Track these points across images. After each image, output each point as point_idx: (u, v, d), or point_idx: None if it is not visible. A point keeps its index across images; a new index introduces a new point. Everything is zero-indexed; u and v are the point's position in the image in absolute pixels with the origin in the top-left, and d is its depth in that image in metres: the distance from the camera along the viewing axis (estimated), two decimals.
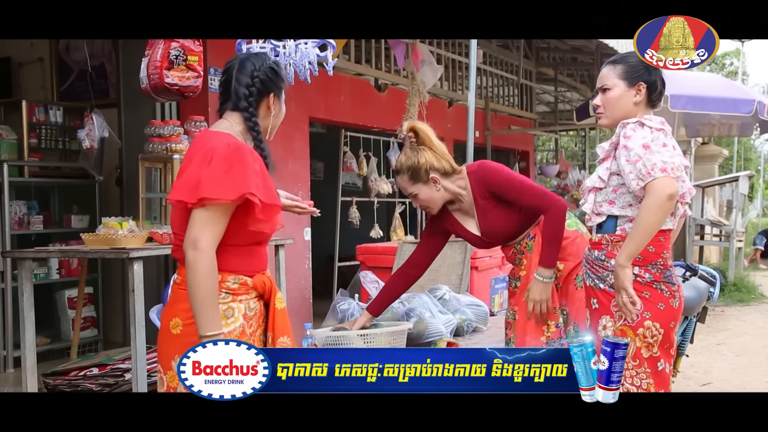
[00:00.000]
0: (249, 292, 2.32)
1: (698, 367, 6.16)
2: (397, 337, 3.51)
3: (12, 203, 5.90)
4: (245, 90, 2.33)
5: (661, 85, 2.72)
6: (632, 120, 2.63)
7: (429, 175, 3.15)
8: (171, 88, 4.04)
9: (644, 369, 2.63)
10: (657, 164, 2.49)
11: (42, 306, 5.40)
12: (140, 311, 3.67)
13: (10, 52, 7.14)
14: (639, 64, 2.70)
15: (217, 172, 2.16)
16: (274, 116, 2.42)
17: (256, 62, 2.38)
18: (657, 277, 2.62)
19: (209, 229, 2.16)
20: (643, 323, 2.60)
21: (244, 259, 2.30)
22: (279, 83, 2.40)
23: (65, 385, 4.18)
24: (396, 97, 7.53)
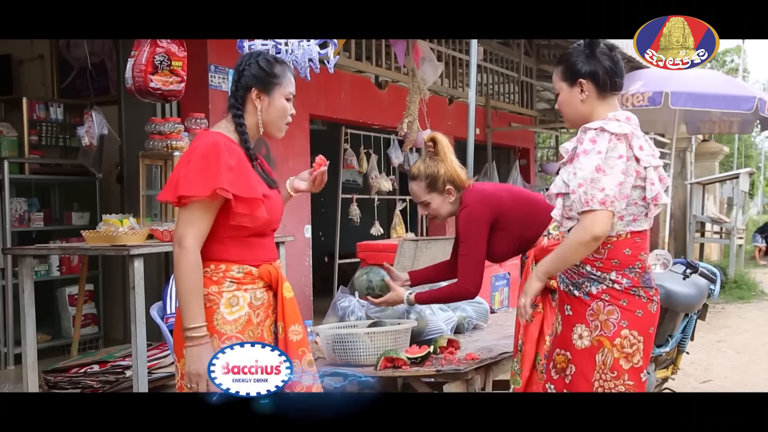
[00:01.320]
0: (255, 282, 2.34)
1: (699, 364, 6.16)
2: (401, 335, 3.51)
3: (12, 200, 5.90)
4: (233, 86, 2.38)
5: (606, 73, 2.55)
6: (594, 125, 2.49)
7: (446, 186, 3.24)
8: (154, 92, 4.11)
9: (623, 381, 2.51)
10: (597, 196, 2.40)
11: (42, 303, 5.41)
12: (141, 308, 3.67)
13: (11, 50, 7.13)
14: (576, 60, 2.58)
15: (193, 170, 2.21)
16: (263, 111, 2.39)
17: (245, 59, 2.39)
18: (635, 282, 2.52)
19: (192, 226, 2.22)
20: (620, 333, 2.50)
21: (246, 249, 2.33)
22: (264, 78, 2.37)
23: (66, 382, 4.18)
24: (396, 94, 7.52)
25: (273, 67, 2.39)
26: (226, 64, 5.58)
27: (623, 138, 2.47)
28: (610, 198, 2.40)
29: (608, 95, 2.58)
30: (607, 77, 2.56)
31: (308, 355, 2.41)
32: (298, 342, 2.38)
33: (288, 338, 2.37)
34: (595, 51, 2.56)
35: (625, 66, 2.67)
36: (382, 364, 3.30)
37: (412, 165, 3.45)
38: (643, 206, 2.54)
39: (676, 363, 4.77)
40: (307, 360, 2.40)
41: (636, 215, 2.53)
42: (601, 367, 2.53)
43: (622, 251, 2.52)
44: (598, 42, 2.58)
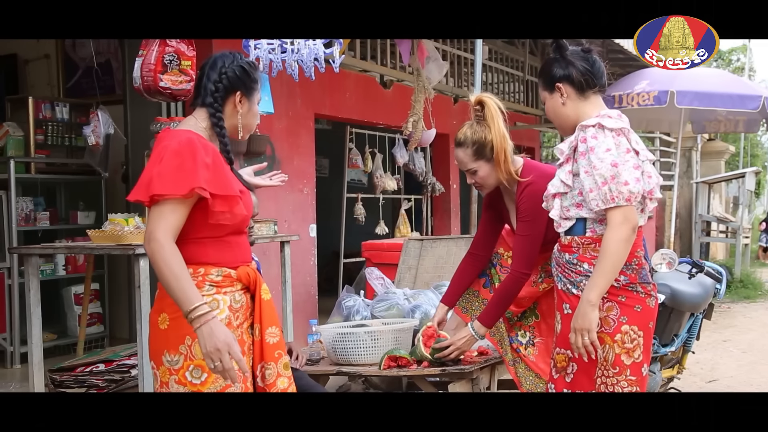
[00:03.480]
0: (234, 284, 2.31)
1: (704, 363, 6.15)
2: (404, 334, 3.51)
3: (18, 199, 5.92)
4: (212, 86, 2.33)
5: (581, 73, 2.59)
6: (591, 122, 2.51)
7: (494, 153, 2.99)
8: (164, 92, 4.11)
9: (626, 377, 2.51)
10: (623, 192, 2.42)
11: (48, 302, 5.42)
12: (146, 307, 3.67)
13: (17, 49, 7.16)
14: (550, 67, 2.64)
15: (167, 169, 2.17)
16: (242, 115, 2.38)
17: (227, 60, 2.38)
18: (633, 279, 2.53)
19: (163, 221, 2.16)
20: (620, 328, 2.51)
21: (224, 251, 2.30)
22: (248, 83, 2.38)
23: (72, 381, 4.19)
24: (401, 93, 7.52)
25: (255, 72, 2.42)
26: None
27: (621, 132, 2.50)
28: (635, 194, 2.43)
29: (589, 94, 2.61)
30: (582, 77, 2.59)
31: (284, 357, 2.39)
32: (274, 344, 2.36)
33: (264, 340, 2.34)
34: (565, 54, 2.61)
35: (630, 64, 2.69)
36: (385, 363, 3.30)
37: (458, 131, 3.17)
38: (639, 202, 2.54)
39: (681, 362, 4.77)
40: (283, 363, 2.38)
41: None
42: (602, 364, 2.53)
43: None
44: (566, 46, 2.62)
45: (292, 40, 4.02)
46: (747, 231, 12.21)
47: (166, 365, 2.25)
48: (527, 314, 3.14)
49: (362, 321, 3.80)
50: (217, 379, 2.22)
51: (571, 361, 2.61)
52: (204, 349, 2.13)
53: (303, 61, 4.04)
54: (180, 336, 2.23)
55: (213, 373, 2.18)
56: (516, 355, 3.12)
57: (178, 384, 2.24)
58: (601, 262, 2.45)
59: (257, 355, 2.35)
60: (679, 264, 4.48)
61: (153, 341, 2.31)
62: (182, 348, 2.23)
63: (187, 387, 2.24)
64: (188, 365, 2.23)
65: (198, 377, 2.23)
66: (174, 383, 2.24)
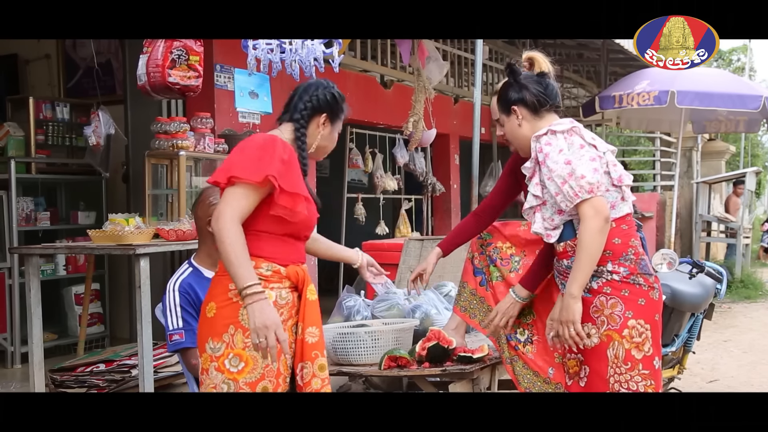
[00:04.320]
0: (282, 281, 2.41)
1: (705, 363, 6.14)
2: (404, 334, 3.51)
3: (19, 199, 5.92)
4: (302, 104, 2.54)
5: (534, 95, 2.67)
6: (542, 132, 2.60)
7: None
8: (173, 87, 4.07)
9: (638, 371, 2.53)
10: (583, 186, 2.48)
11: (49, 302, 5.42)
12: (146, 307, 3.67)
13: (17, 49, 7.15)
14: (506, 92, 2.73)
15: (248, 158, 2.36)
16: (323, 137, 2.56)
17: (320, 86, 2.58)
18: (633, 270, 2.56)
19: (234, 203, 2.32)
20: (627, 323, 2.53)
21: (279, 248, 2.42)
22: (336, 110, 2.58)
23: (72, 380, 4.19)
24: (402, 93, 7.52)
25: (342, 102, 2.61)
26: (232, 64, 5.58)
27: (573, 131, 2.58)
28: (594, 184, 2.49)
29: (543, 113, 2.69)
30: (536, 98, 2.68)
31: (321, 358, 2.45)
32: (313, 344, 2.43)
33: (304, 339, 2.42)
34: (519, 79, 2.70)
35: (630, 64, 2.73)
36: (386, 363, 3.30)
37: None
38: (616, 191, 2.60)
39: (682, 362, 4.76)
40: (319, 364, 2.44)
41: (612, 202, 2.59)
42: (614, 362, 2.55)
43: (612, 241, 2.56)
44: (519, 70, 2.72)
45: (291, 41, 4.01)
46: (747, 231, 12.19)
47: (209, 352, 2.36)
48: (525, 312, 3.14)
49: (363, 321, 3.80)
50: (253, 369, 2.32)
51: (582, 364, 2.62)
52: (252, 325, 2.24)
53: (302, 61, 4.03)
54: (224, 325, 2.34)
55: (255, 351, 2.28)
56: (514, 353, 3.12)
57: (217, 371, 2.34)
58: (579, 256, 2.51)
59: (298, 353, 2.43)
60: (679, 264, 4.48)
61: (200, 330, 2.43)
62: (225, 336, 2.34)
63: (224, 374, 2.33)
64: (228, 353, 2.33)
65: (236, 366, 2.33)
66: (213, 370, 2.35)
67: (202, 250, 3.19)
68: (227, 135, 5.48)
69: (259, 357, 2.32)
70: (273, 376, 2.36)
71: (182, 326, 3.01)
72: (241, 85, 5.72)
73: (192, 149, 4.68)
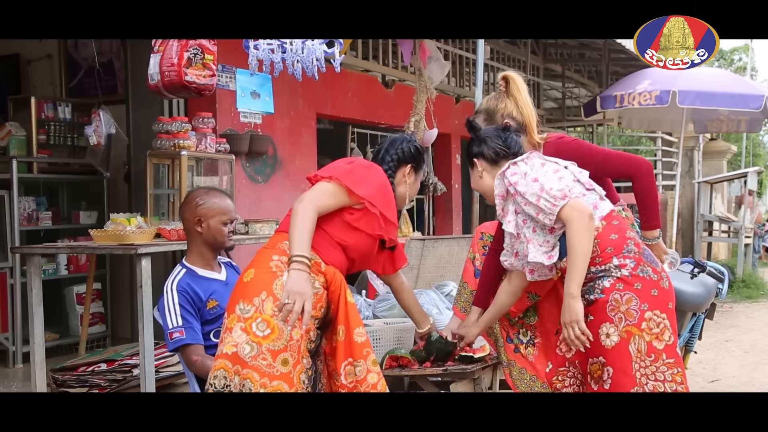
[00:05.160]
0: (318, 274, 2.54)
1: (706, 363, 6.14)
2: (405, 334, 3.51)
3: (21, 199, 5.93)
4: (389, 156, 2.81)
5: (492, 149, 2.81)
6: (504, 168, 2.72)
7: (504, 120, 3.03)
8: (189, 86, 4.04)
9: (663, 361, 2.58)
10: (556, 195, 2.54)
11: (50, 302, 5.43)
12: (148, 307, 3.68)
13: (19, 49, 7.16)
14: (469, 146, 2.89)
15: (354, 170, 2.62)
16: (409, 185, 2.83)
17: (405, 140, 2.87)
18: (639, 260, 2.60)
19: (322, 196, 2.54)
20: (644, 316, 2.57)
21: (330, 249, 2.59)
22: (419, 160, 2.85)
23: (73, 380, 4.19)
24: (403, 93, 7.52)
25: (424, 156, 2.92)
26: (233, 64, 5.59)
27: (530, 156, 2.72)
28: (565, 189, 2.56)
29: (503, 163, 2.79)
30: (493, 152, 2.82)
31: (372, 355, 2.57)
32: (362, 343, 2.55)
33: (353, 340, 2.54)
34: (479, 134, 2.87)
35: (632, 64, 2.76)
36: (387, 363, 3.29)
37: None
38: (592, 193, 2.68)
39: (684, 362, 4.76)
40: (372, 360, 2.56)
41: (593, 203, 2.65)
42: (637, 356, 2.58)
43: (609, 237, 2.61)
44: (478, 126, 2.90)
45: (292, 41, 4.00)
46: (749, 231, 12.19)
47: (237, 312, 2.46)
48: (529, 313, 3.13)
49: (364, 321, 3.80)
50: (278, 338, 2.42)
51: (605, 366, 2.60)
52: (288, 286, 2.35)
53: (303, 60, 4.03)
54: (258, 289, 2.47)
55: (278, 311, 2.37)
56: (512, 356, 3.11)
57: (242, 331, 2.43)
58: (571, 256, 2.55)
59: (342, 353, 2.54)
60: (681, 264, 4.48)
61: (233, 294, 2.55)
62: (256, 300, 2.45)
63: (249, 336, 2.42)
64: (257, 317, 2.44)
65: (262, 330, 2.43)
66: (239, 329, 2.44)
67: (193, 250, 3.21)
68: (229, 135, 5.48)
69: (285, 327, 2.40)
70: (295, 351, 2.45)
71: (182, 324, 3.02)
72: (242, 85, 5.72)
73: (194, 149, 4.68)
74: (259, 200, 5.85)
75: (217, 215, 3.15)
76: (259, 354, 2.40)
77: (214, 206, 3.16)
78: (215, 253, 3.24)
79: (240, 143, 5.57)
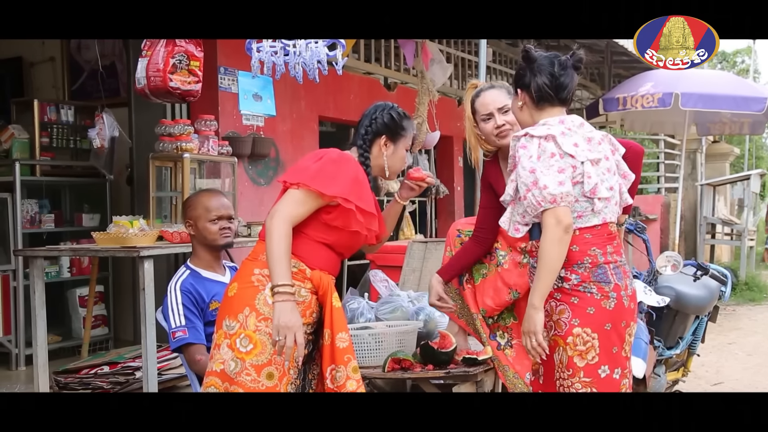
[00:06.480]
0: (304, 281, 2.50)
1: (709, 366, 6.13)
2: (408, 336, 3.51)
3: (24, 202, 5.93)
4: (363, 130, 2.68)
5: (539, 87, 2.61)
6: (520, 133, 2.60)
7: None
8: (173, 92, 4.08)
9: (579, 378, 2.52)
10: (545, 197, 2.46)
11: (53, 304, 5.43)
12: (150, 310, 3.68)
13: (22, 52, 7.17)
14: (517, 73, 2.70)
15: (321, 169, 2.49)
16: (388, 157, 2.69)
17: (379, 109, 2.71)
18: (585, 278, 2.52)
19: (292, 206, 2.47)
20: (572, 331, 2.52)
21: (313, 252, 2.53)
22: (394, 129, 2.69)
23: (76, 383, 4.20)
24: (405, 95, 7.52)
25: (402, 120, 2.72)
26: (235, 66, 5.59)
27: (550, 138, 2.54)
28: (558, 195, 2.47)
29: (546, 106, 2.64)
30: (540, 91, 2.62)
31: (353, 361, 2.54)
32: (344, 349, 2.52)
33: (335, 345, 2.50)
34: (533, 66, 2.64)
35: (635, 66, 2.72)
36: (389, 365, 3.29)
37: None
38: (587, 202, 2.56)
39: (686, 365, 4.76)
40: (352, 366, 2.53)
41: (580, 212, 2.56)
42: (558, 366, 2.57)
43: (570, 248, 2.53)
44: (534, 56, 2.64)
45: (294, 43, 4.01)
46: (752, 233, 12.17)
47: (224, 329, 2.46)
48: (504, 315, 3.14)
49: (366, 323, 3.79)
50: (261, 353, 2.42)
51: (542, 364, 2.66)
52: (276, 321, 2.35)
53: (305, 63, 4.03)
54: (242, 305, 2.46)
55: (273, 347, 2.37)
56: (496, 353, 3.14)
57: (228, 348, 2.44)
58: (539, 265, 2.51)
59: (327, 358, 2.51)
60: (683, 266, 4.48)
61: (221, 309, 2.55)
62: (240, 316, 2.45)
63: (234, 352, 2.42)
64: (240, 333, 2.43)
65: (245, 346, 2.42)
66: (225, 347, 2.44)
67: (194, 252, 3.28)
68: (231, 137, 5.49)
69: (269, 343, 2.40)
70: (280, 364, 2.44)
71: (185, 324, 3.04)
72: (244, 88, 5.73)
73: (196, 151, 4.69)
74: (261, 203, 5.85)
75: (203, 214, 3.20)
76: (243, 370, 2.41)
77: (198, 206, 3.21)
78: (215, 253, 3.27)
79: (242, 146, 5.57)
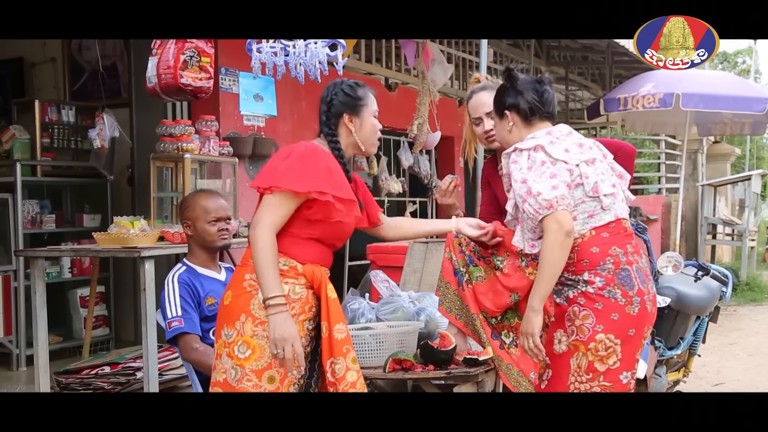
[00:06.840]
0: (297, 278, 2.49)
1: (710, 366, 6.13)
2: (408, 337, 3.51)
3: (25, 202, 5.94)
4: (323, 116, 2.62)
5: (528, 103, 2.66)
6: (510, 150, 2.64)
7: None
8: (185, 89, 4.07)
9: (599, 382, 2.53)
10: (541, 203, 2.48)
11: (54, 304, 5.43)
12: (151, 310, 3.68)
13: (23, 52, 7.18)
14: (501, 95, 2.72)
15: (290, 167, 2.43)
16: (357, 132, 2.62)
17: (330, 89, 2.63)
18: (609, 280, 2.52)
19: (271, 212, 2.42)
20: (594, 337, 2.52)
21: (301, 248, 2.51)
22: (351, 103, 2.61)
23: (77, 383, 4.20)
24: (406, 96, 7.52)
25: (356, 91, 2.64)
26: (236, 67, 5.59)
27: (539, 148, 2.58)
28: (553, 200, 2.48)
29: (535, 121, 2.69)
30: (528, 107, 2.67)
31: (352, 352, 2.53)
32: (342, 340, 2.51)
33: (333, 336, 2.49)
34: (516, 84, 2.68)
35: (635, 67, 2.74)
36: (390, 366, 3.29)
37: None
38: (593, 201, 2.57)
39: (687, 366, 4.75)
40: (351, 357, 2.52)
41: (590, 212, 2.57)
42: (576, 370, 2.58)
43: (590, 250, 2.55)
44: (517, 76, 2.70)
45: (294, 44, 4.01)
46: (753, 234, 12.16)
47: (223, 338, 2.46)
48: (508, 315, 3.14)
49: (367, 324, 3.79)
50: (260, 358, 2.41)
51: (548, 367, 2.66)
52: (272, 335, 2.35)
53: (306, 63, 4.03)
54: (237, 312, 2.45)
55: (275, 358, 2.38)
56: (498, 353, 3.13)
57: (227, 357, 2.44)
58: (540, 268, 2.52)
59: (326, 350, 2.50)
60: (684, 267, 4.47)
61: (218, 318, 2.54)
62: (237, 324, 2.44)
63: (233, 360, 2.43)
64: (238, 340, 2.43)
65: (243, 352, 2.42)
66: (225, 356, 2.46)
67: (191, 251, 3.35)
68: (232, 138, 5.49)
69: (267, 346, 2.39)
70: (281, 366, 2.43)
71: (181, 314, 3.07)
72: (245, 88, 5.73)
73: (197, 152, 4.69)
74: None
75: (201, 216, 3.22)
76: (244, 376, 2.42)
77: (197, 207, 3.23)
78: (212, 254, 3.31)
79: (243, 146, 5.57)
